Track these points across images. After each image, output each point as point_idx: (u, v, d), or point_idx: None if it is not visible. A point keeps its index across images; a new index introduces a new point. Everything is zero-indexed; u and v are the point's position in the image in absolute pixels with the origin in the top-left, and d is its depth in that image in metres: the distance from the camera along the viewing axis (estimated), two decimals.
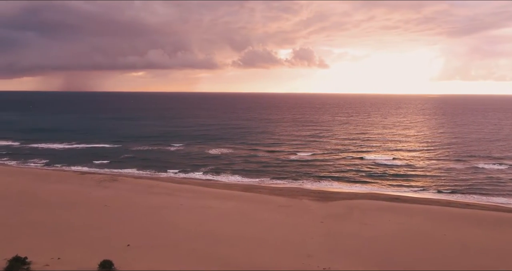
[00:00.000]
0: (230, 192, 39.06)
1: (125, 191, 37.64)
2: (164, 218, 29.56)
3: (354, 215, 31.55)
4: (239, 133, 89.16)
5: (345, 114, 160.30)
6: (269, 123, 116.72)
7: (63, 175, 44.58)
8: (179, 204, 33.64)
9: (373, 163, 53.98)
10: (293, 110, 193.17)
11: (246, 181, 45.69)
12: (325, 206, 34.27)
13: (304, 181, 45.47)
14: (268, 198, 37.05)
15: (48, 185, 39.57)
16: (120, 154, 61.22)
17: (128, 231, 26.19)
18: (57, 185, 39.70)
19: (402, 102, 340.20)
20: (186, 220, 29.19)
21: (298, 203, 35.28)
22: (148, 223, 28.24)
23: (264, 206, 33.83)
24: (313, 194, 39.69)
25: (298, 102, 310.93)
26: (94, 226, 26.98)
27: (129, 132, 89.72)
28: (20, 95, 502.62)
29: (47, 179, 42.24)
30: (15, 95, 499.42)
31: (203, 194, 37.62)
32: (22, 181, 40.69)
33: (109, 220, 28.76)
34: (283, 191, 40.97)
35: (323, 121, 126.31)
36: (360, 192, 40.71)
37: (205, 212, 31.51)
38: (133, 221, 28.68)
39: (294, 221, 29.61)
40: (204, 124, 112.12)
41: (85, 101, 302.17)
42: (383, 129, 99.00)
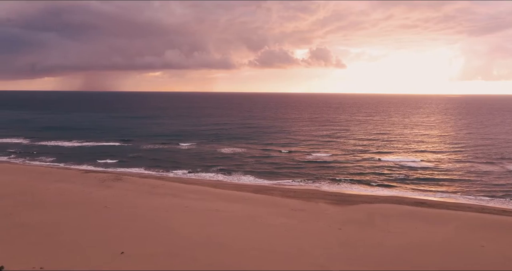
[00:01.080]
0: (240, 193, 36.31)
1: (128, 191, 35.37)
2: (166, 221, 27.02)
3: (376, 221, 28.33)
4: (254, 132, 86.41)
5: (364, 114, 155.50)
6: (285, 123, 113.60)
7: (67, 173, 42.73)
8: (184, 206, 31.07)
9: (395, 164, 50.26)
10: (309, 110, 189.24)
11: (258, 182, 42.87)
12: (343, 211, 31.14)
13: (320, 182, 42.32)
14: (280, 200, 34.14)
15: (49, 183, 37.68)
16: (129, 152, 59.33)
17: (125, 236, 23.74)
18: (59, 183, 37.76)
19: (421, 102, 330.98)
20: (190, 224, 26.56)
21: (313, 207, 32.27)
22: (148, 227, 25.75)
23: (276, 210, 30.94)
24: (329, 196, 36.59)
25: (315, 102, 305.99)
26: (89, 230, 24.64)
27: (142, 131, 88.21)
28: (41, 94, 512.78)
29: (50, 178, 40.42)
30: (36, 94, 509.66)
31: (210, 195, 35.00)
32: (23, 179, 38.96)
33: (106, 223, 26.41)
34: (297, 193, 37.98)
35: (340, 120, 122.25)
36: (381, 195, 37.32)
37: (211, 215, 28.83)
38: (132, 224, 26.25)
39: (308, 227, 26.63)
40: (218, 124, 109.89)
41: (102, 101, 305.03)
42: (404, 129, 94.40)
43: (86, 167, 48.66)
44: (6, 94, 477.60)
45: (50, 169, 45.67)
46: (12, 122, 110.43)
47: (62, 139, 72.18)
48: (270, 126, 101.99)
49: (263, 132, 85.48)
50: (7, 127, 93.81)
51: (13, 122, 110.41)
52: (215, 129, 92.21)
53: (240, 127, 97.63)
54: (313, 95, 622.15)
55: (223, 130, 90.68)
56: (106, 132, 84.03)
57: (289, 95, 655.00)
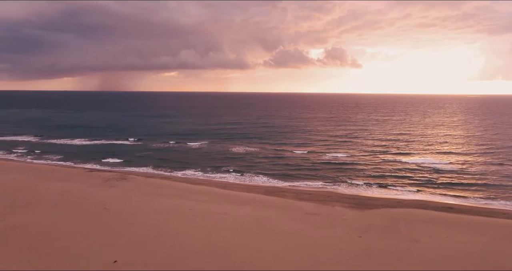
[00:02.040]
0: (250, 195, 33.78)
1: (132, 191, 33.27)
2: (167, 226, 24.72)
3: (400, 228, 25.40)
4: (267, 132, 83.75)
5: (381, 114, 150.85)
6: (300, 122, 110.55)
7: (71, 172, 41.01)
8: (189, 208, 28.73)
9: (418, 166, 46.77)
10: (325, 109, 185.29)
11: (270, 183, 40.26)
12: (363, 216, 28.28)
13: (337, 184, 39.44)
14: (293, 203, 31.47)
15: (51, 182, 35.93)
16: (138, 151, 57.55)
17: (121, 242, 21.52)
18: (60, 183, 35.98)
19: (440, 102, 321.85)
20: (193, 229, 24.17)
21: (329, 211, 29.52)
22: (147, 232, 23.48)
23: (288, 213, 28.30)
24: (347, 199, 33.73)
25: (330, 102, 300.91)
26: (82, 234, 22.52)
27: (153, 130, 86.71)
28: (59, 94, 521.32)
29: (52, 176, 38.74)
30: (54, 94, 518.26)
31: (218, 197, 32.59)
32: (25, 178, 37.36)
33: (103, 226, 24.26)
34: (312, 195, 35.24)
35: (357, 120, 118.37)
36: (404, 199, 34.22)
37: (217, 219, 26.39)
38: (130, 229, 24.04)
39: (324, 234, 23.90)
40: (232, 123, 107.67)
41: (118, 101, 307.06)
42: (425, 129, 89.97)
43: (92, 165, 46.94)
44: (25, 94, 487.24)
45: (54, 167, 44.13)
46: (25, 120, 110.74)
47: (72, 137, 71.09)
48: (285, 125, 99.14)
49: (277, 132, 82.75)
50: (19, 125, 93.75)
51: (26, 120, 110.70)
52: (228, 129, 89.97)
53: (253, 127, 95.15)
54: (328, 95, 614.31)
55: (236, 129, 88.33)
56: (118, 131, 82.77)
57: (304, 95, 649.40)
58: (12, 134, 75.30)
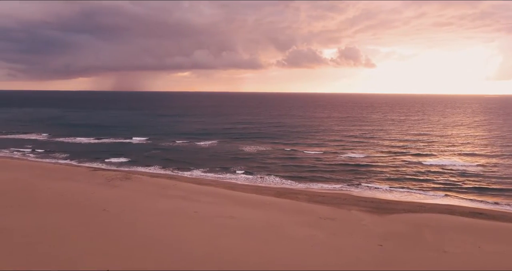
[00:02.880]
0: (260, 197, 31.61)
1: (135, 192, 31.49)
2: (168, 230, 22.75)
3: (425, 236, 22.88)
4: (280, 131, 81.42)
5: (397, 114, 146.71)
6: (313, 122, 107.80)
7: (74, 171, 39.55)
8: (194, 211, 26.73)
9: (440, 168, 43.77)
10: (339, 109, 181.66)
11: (282, 184, 38.00)
12: (383, 221, 25.81)
13: (353, 186, 36.94)
14: (307, 206, 29.17)
15: (52, 182, 34.44)
16: (146, 150, 56.02)
17: (117, 248, 19.62)
18: (62, 182, 34.47)
19: (457, 102, 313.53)
20: (197, 234, 22.13)
21: (345, 215, 27.13)
22: (148, 236, 21.54)
23: (301, 218, 26.03)
24: (364, 203, 31.25)
25: (344, 102, 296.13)
26: (76, 238, 20.70)
27: (164, 129, 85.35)
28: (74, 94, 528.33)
29: (55, 175, 37.32)
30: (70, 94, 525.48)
31: (226, 198, 30.52)
32: (26, 177, 35.98)
33: (100, 229, 22.43)
34: (326, 197, 32.87)
35: (373, 120, 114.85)
36: (427, 203, 31.53)
37: (223, 223, 24.30)
38: (129, 232, 22.15)
39: (340, 241, 21.57)
40: (243, 122, 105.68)
41: (131, 100, 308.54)
42: (445, 130, 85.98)
43: (97, 164, 45.46)
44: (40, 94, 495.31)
45: (58, 165, 42.81)
46: (37, 119, 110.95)
47: (80, 136, 70.12)
48: (298, 125, 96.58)
49: (290, 131, 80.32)
50: (30, 124, 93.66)
51: (38, 119, 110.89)
52: (239, 128, 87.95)
53: (265, 126, 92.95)
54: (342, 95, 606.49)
55: (247, 129, 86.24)
56: (128, 130, 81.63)
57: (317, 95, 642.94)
58: (22, 133, 74.85)
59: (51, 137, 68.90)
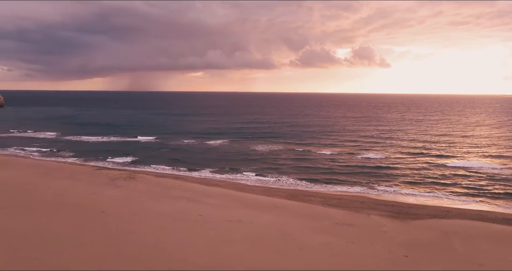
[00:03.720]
0: (270, 199, 29.41)
1: (138, 193, 29.68)
2: (171, 235, 20.80)
3: (455, 246, 20.35)
4: (293, 131, 79.01)
5: (414, 113, 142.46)
6: (327, 122, 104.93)
7: (77, 170, 38.05)
8: (199, 214, 24.71)
9: (465, 170, 40.70)
10: (353, 109, 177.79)
11: (294, 186, 35.73)
12: (406, 228, 23.32)
13: (371, 188, 34.43)
14: (321, 210, 26.85)
15: (53, 181, 32.95)
16: (155, 149, 54.44)
17: (112, 254, 17.76)
18: (64, 181, 32.95)
19: (476, 102, 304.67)
20: (201, 240, 20.11)
21: (364, 220, 24.72)
22: (147, 241, 19.63)
23: (315, 223, 23.76)
24: (384, 207, 28.74)
25: (359, 101, 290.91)
26: (67, 244, 18.91)
27: (174, 128, 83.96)
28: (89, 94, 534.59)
29: (57, 174, 35.85)
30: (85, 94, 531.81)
31: (234, 200, 28.44)
32: (27, 176, 34.62)
33: (95, 233, 20.62)
34: (342, 200, 30.46)
35: (390, 120, 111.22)
36: (454, 207, 28.83)
37: (231, 228, 22.21)
38: (127, 237, 20.28)
39: (360, 251, 19.25)
40: (255, 121, 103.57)
41: (145, 100, 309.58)
42: (466, 130, 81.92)
43: (102, 163, 43.99)
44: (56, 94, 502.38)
45: (62, 164, 41.42)
46: (49, 118, 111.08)
47: (90, 134, 69.12)
48: (311, 125, 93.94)
49: (303, 131, 77.79)
50: (42, 123, 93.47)
51: (50, 118, 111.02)
52: (250, 128, 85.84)
53: (278, 126, 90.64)
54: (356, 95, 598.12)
55: (259, 128, 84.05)
56: (138, 129, 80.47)
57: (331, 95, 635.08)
58: (32, 131, 74.37)
59: (60, 135, 68.06)
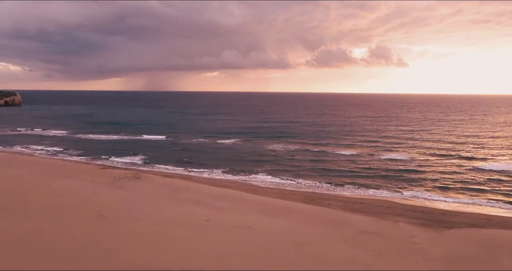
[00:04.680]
0: (285, 203, 26.70)
1: (141, 194, 27.41)
2: (173, 243, 18.35)
3: (503, 261, 17.27)
4: (309, 130, 76.00)
5: (436, 113, 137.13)
6: (345, 121, 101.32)
7: (82, 169, 36.13)
8: (205, 219, 22.21)
9: (502, 174, 36.81)
10: (372, 108, 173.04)
11: (311, 188, 32.94)
12: (442, 239, 20.29)
13: (396, 192, 31.36)
14: (342, 216, 23.98)
15: (54, 180, 31.04)
16: (165, 147, 52.46)
17: (103, 267, 15.40)
18: (65, 180, 31.00)
19: (500, 102, 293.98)
20: (206, 250, 17.60)
21: (392, 229, 21.77)
22: (145, 251, 17.25)
23: (335, 231, 20.96)
24: (412, 213, 25.67)
25: (376, 101, 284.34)
26: (54, 254, 16.67)
27: (187, 126, 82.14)
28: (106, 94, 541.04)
29: (60, 173, 33.97)
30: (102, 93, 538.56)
31: (245, 204, 25.84)
32: (28, 174, 32.84)
33: (88, 241, 18.35)
34: (365, 205, 27.52)
35: (411, 119, 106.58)
36: (494, 215, 25.51)
37: (240, 236, 19.63)
38: (124, 245, 17.93)
39: (390, 266, 16.39)
40: (270, 120, 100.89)
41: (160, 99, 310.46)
42: (494, 130, 76.81)
43: (109, 162, 42.15)
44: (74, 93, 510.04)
45: (67, 162, 39.63)
46: (63, 116, 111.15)
47: (101, 133, 67.78)
48: (328, 124, 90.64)
49: (319, 131, 74.60)
50: (55, 120, 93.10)
51: (64, 116, 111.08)
52: (265, 127, 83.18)
53: (293, 125, 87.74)
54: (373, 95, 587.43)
55: (274, 128, 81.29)
56: (150, 127, 79.00)
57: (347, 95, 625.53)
58: (42, 129, 73.63)
59: (70, 134, 66.95)
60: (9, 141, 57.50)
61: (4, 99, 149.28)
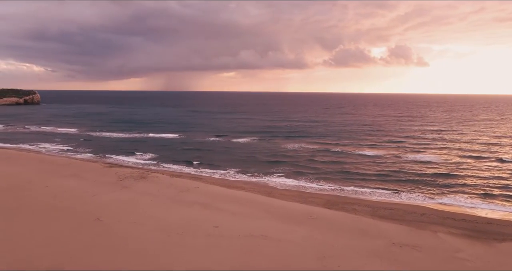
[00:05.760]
0: (304, 207, 23.67)
1: (146, 195, 24.89)
2: (174, 254, 15.68)
3: None
4: (328, 130, 72.39)
5: (463, 112, 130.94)
6: (366, 121, 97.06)
7: (86, 167, 33.96)
8: (214, 225, 19.45)
9: None
10: (393, 107, 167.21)
11: (333, 190, 29.78)
12: (494, 255, 16.93)
13: (430, 196, 27.87)
14: (371, 224, 20.79)
15: (55, 179, 28.92)
16: (177, 146, 50.11)
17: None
18: (66, 179, 28.83)
19: None
20: (211, 263, 14.84)
21: (431, 241, 18.51)
22: (137, 263, 14.61)
23: (364, 242, 17.85)
24: (453, 222, 22.25)
25: (396, 101, 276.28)
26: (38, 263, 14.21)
27: (202, 125, 79.81)
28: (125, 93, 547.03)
29: (63, 171, 31.86)
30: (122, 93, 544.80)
31: (259, 208, 22.94)
32: (32, 172, 30.90)
33: (77, 249, 15.87)
34: (395, 211, 24.23)
35: (437, 119, 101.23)
36: None
37: (252, 247, 16.77)
38: (117, 256, 15.37)
39: None
40: (288, 120, 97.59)
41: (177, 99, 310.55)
42: None
43: (116, 160, 39.98)
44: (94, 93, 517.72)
45: (73, 160, 37.63)
46: (79, 114, 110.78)
47: (113, 131, 66.13)
48: (348, 124, 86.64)
49: (339, 131, 70.83)
50: (71, 118, 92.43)
51: (80, 114, 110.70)
52: (282, 126, 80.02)
53: (312, 124, 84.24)
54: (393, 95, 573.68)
55: (292, 127, 77.99)
56: (164, 125, 77.09)
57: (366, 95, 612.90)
58: (57, 126, 72.73)
59: (83, 131, 65.61)
60: (19, 138, 56.34)
61: (24, 98, 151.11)
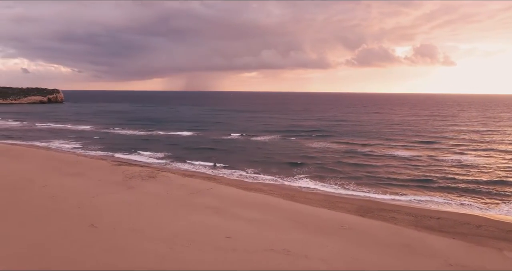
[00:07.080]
0: (333, 214, 20.11)
1: (152, 198, 21.98)
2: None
3: None
4: (355, 129, 67.93)
5: (499, 111, 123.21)
6: (394, 119, 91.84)
7: (93, 164, 31.51)
8: (226, 235, 16.22)
9: None
10: (422, 107, 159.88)
11: (365, 195, 26.07)
12: None
13: (483, 203, 23.74)
14: (417, 238, 17.05)
15: (57, 177, 26.50)
16: (193, 144, 47.44)
17: None
18: (70, 178, 26.37)
19: None
20: None
21: (496, 261, 14.72)
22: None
23: (412, 262, 14.18)
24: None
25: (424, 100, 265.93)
26: None
27: (221, 123, 77.27)
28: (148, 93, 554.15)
29: (69, 169, 29.49)
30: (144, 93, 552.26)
31: (280, 215, 19.56)
32: (35, 170, 28.68)
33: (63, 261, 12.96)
34: (444, 221, 20.38)
35: (471, 118, 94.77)
36: None
37: (272, 264, 13.42)
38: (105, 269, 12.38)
39: None
40: (312, 118, 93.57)
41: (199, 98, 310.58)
42: None
43: (126, 157, 37.68)
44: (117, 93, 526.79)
45: (81, 157, 35.32)
46: (97, 112, 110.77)
47: (130, 128, 64.33)
48: (375, 123, 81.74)
49: (366, 131, 66.11)
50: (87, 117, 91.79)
51: (98, 112, 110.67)
52: (306, 125, 76.09)
53: (337, 123, 80.00)
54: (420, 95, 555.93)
55: (316, 126, 73.69)
56: (182, 123, 74.93)
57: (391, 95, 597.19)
58: (75, 124, 71.79)
59: (100, 128, 64.37)
60: (33, 135, 55.06)
61: (48, 97, 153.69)
